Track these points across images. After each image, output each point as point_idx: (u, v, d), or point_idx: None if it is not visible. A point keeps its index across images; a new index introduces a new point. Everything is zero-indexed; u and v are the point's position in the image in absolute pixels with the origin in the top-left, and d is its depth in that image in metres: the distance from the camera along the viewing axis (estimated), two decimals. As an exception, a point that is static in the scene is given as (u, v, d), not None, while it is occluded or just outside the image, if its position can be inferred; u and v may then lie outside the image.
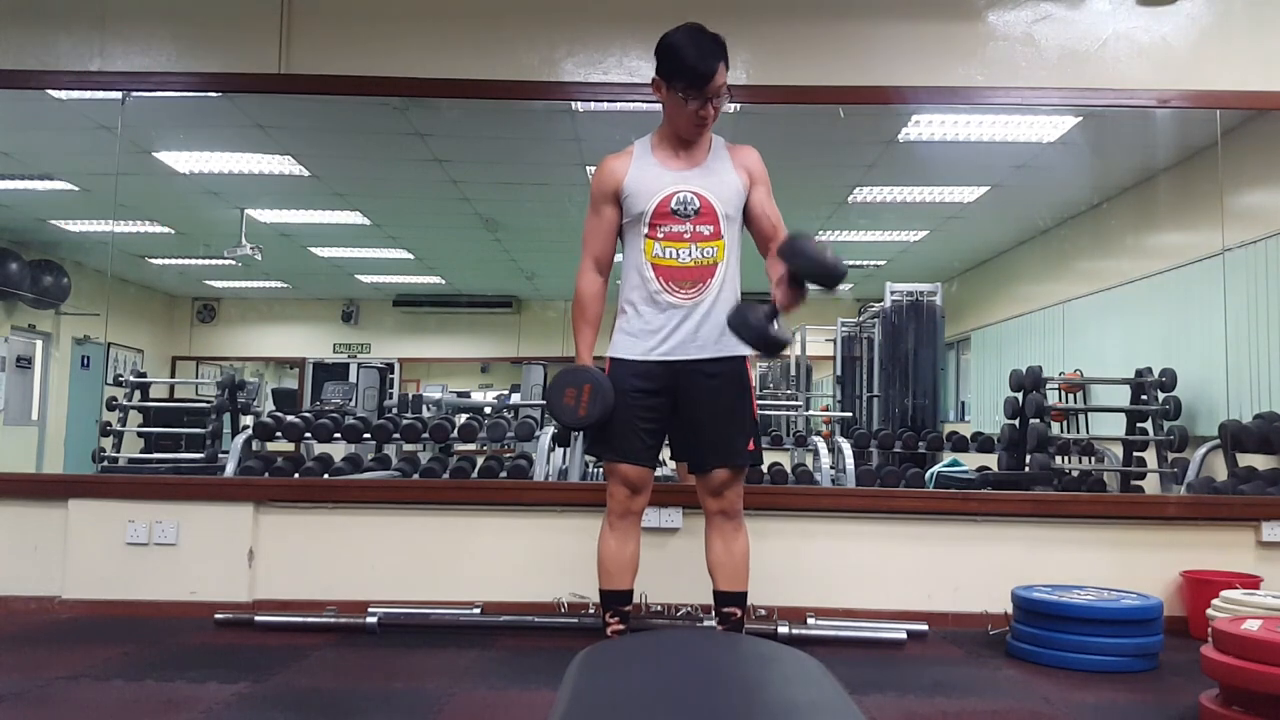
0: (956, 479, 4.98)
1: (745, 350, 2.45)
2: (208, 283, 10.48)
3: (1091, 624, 2.75)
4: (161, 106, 4.45)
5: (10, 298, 7.88)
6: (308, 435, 5.10)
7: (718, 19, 2.43)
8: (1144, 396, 5.14)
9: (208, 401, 6.79)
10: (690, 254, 2.42)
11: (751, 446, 2.49)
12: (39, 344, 8.47)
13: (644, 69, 2.48)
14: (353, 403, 7.38)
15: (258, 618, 3.16)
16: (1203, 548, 3.36)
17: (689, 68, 2.36)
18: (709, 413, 2.44)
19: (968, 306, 8.14)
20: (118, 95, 3.92)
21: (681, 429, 2.49)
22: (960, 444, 5.75)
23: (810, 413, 7.89)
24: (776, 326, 2.25)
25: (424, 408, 7.52)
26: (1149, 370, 5.14)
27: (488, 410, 8.07)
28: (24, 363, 8.24)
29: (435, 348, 11.11)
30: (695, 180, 2.44)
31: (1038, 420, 5.01)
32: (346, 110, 4.54)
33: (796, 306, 2.28)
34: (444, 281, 10.24)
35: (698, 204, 2.42)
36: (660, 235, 2.43)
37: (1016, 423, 5.15)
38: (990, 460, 5.47)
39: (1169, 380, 5.01)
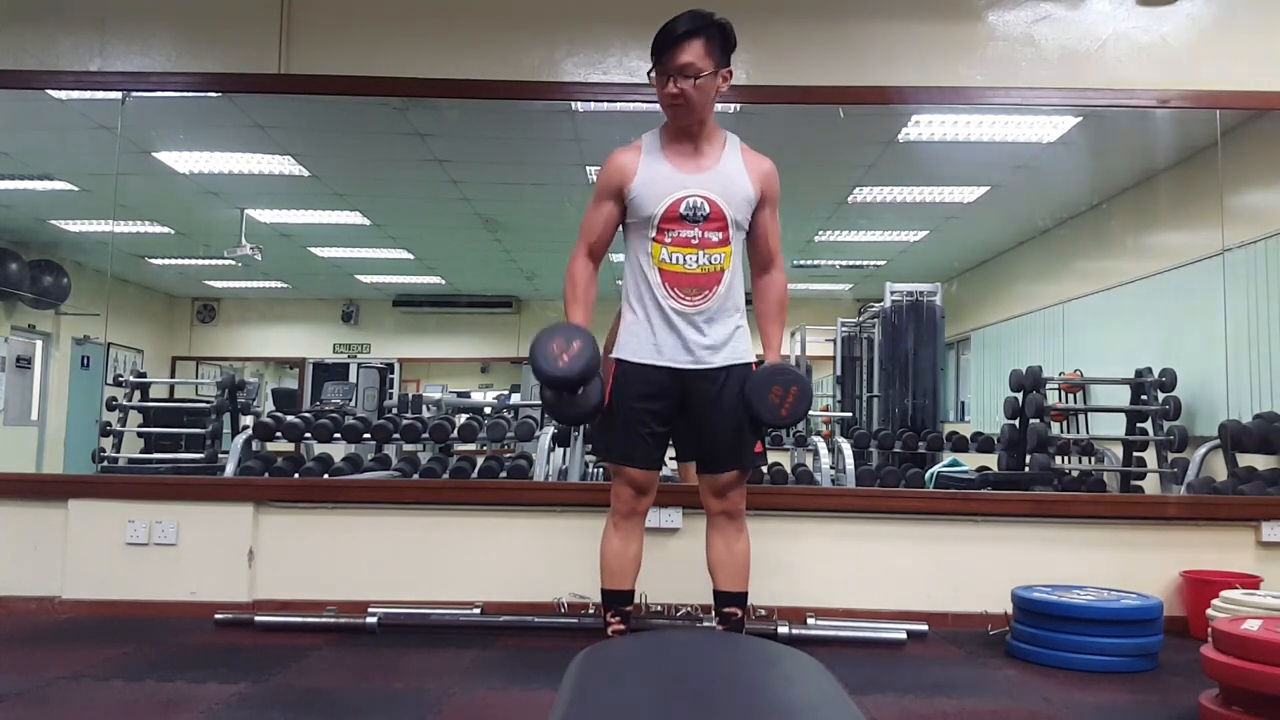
0: (956, 479, 4.98)
1: (752, 356, 2.46)
2: (208, 283, 10.47)
3: (1091, 624, 2.75)
4: (161, 106, 4.45)
5: (10, 298, 7.88)
6: (308, 435, 5.11)
7: (717, 18, 2.43)
8: (1144, 396, 5.14)
9: (208, 401, 6.79)
10: (698, 260, 2.38)
11: (759, 448, 2.49)
12: (39, 344, 8.47)
13: (644, 69, 2.46)
14: (353, 403, 7.39)
15: (258, 618, 3.16)
16: (1203, 548, 3.36)
17: (656, 37, 2.34)
18: (718, 418, 2.42)
19: (968, 306, 8.13)
20: (118, 95, 3.92)
21: (689, 431, 2.48)
22: (960, 444, 5.75)
23: (810, 413, 7.87)
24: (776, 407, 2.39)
25: (424, 408, 7.52)
26: (1149, 370, 5.14)
27: (488, 410, 8.08)
28: (24, 363, 8.24)
29: (435, 348, 11.11)
30: (706, 184, 2.38)
31: (1038, 420, 5.01)
32: (346, 110, 4.54)
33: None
34: (444, 281, 10.24)
35: (707, 209, 2.37)
36: (668, 240, 2.38)
37: (1016, 423, 5.16)
38: (990, 460, 5.47)
39: (1169, 380, 5.01)
